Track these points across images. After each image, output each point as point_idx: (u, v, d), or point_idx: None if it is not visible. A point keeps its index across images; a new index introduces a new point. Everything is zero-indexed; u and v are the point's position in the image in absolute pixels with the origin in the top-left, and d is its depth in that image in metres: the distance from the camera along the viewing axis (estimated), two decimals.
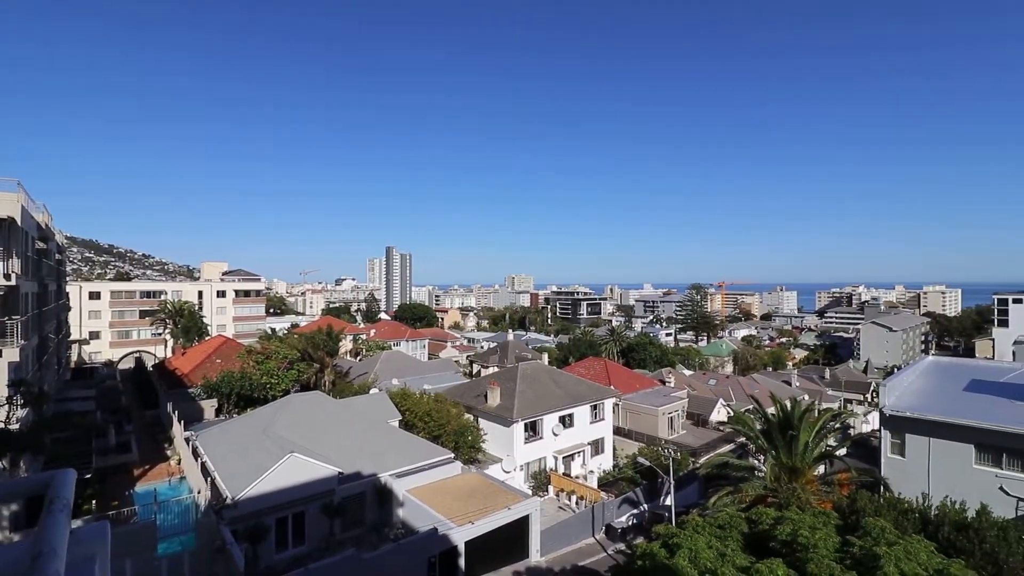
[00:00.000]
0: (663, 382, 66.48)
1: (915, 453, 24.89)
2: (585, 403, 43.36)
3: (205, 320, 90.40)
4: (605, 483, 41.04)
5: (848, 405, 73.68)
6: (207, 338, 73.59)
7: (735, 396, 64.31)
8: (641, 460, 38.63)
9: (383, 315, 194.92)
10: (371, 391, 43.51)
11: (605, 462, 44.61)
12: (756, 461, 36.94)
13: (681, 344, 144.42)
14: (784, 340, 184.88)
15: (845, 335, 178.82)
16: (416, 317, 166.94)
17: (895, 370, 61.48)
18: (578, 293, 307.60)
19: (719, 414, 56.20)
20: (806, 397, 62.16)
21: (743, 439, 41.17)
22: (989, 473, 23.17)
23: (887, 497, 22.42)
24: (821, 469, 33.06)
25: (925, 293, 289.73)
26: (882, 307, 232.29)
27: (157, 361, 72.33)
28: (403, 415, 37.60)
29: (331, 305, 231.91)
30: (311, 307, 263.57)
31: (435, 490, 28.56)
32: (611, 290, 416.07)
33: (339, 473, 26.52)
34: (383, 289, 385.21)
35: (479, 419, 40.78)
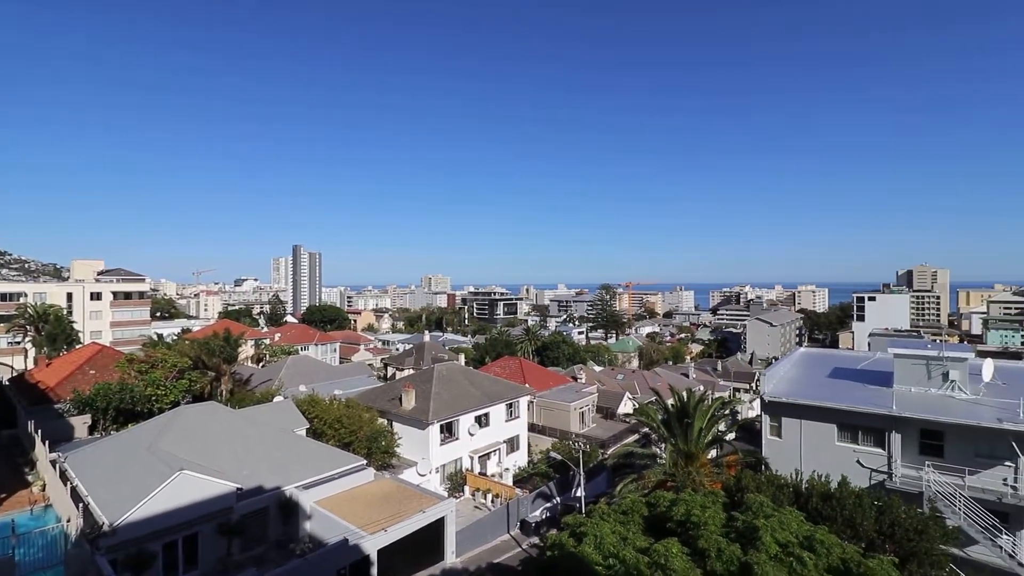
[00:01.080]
0: (575, 379, 69.00)
1: (790, 434, 28.05)
2: (501, 402, 43.92)
3: (76, 326, 79.89)
4: (520, 479, 41.87)
5: (736, 393, 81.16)
6: (78, 347, 65.06)
7: (640, 389, 68.34)
8: (554, 455, 39.88)
9: (289, 318, 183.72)
10: (275, 399, 40.93)
11: (520, 459, 45.50)
12: (658, 449, 39.59)
13: (592, 342, 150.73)
14: (683, 336, 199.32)
15: (734, 330, 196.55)
16: (326, 319, 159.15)
17: (774, 360, 68.72)
18: (495, 293, 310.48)
19: (626, 407, 59.42)
20: (701, 388, 67.50)
21: (647, 429, 43.92)
22: (848, 449, 26.65)
23: (767, 475, 25.07)
24: (713, 453, 36.14)
25: (799, 292, 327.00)
26: (764, 305, 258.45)
27: (15, 374, 62.76)
28: (311, 423, 35.80)
29: (230, 308, 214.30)
30: (206, 310, 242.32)
31: (346, 499, 27.53)
32: (527, 290, 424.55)
33: (237, 489, 24.71)
34: (290, 290, 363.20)
35: (394, 423, 39.87)
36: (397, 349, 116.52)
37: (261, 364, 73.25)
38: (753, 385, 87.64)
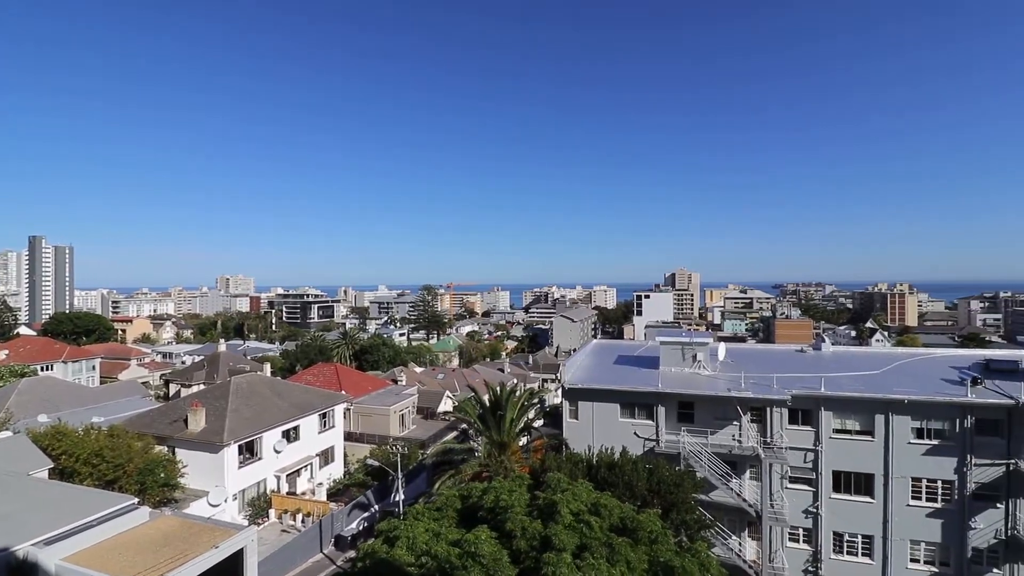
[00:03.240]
0: (395, 381, 67.92)
1: (584, 416, 31.91)
2: (313, 412, 40.94)
3: None
4: (335, 492, 39.61)
5: (545, 384, 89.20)
6: None
7: (460, 387, 70.38)
8: (372, 462, 38.69)
9: (24, 329, 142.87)
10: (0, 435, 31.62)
11: (336, 471, 43.03)
12: (475, 443, 41.35)
13: (414, 343, 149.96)
14: (500, 334, 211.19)
15: (543, 327, 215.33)
16: (80, 330, 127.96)
17: (573, 352, 77.35)
18: (308, 295, 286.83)
19: (446, 405, 60.62)
20: (515, 381, 72.32)
21: (465, 425, 45.51)
22: (628, 424, 31.40)
23: (567, 454, 28.15)
24: (524, 440, 39.21)
25: (594, 291, 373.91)
26: (567, 303, 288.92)
27: None
28: (57, 461, 28.59)
29: None
30: None
31: (111, 549, 22.59)
32: (345, 292, 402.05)
33: None
34: (24, 294, 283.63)
35: (177, 450, 34.17)
36: (183, 362, 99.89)
37: None
38: (558, 375, 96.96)
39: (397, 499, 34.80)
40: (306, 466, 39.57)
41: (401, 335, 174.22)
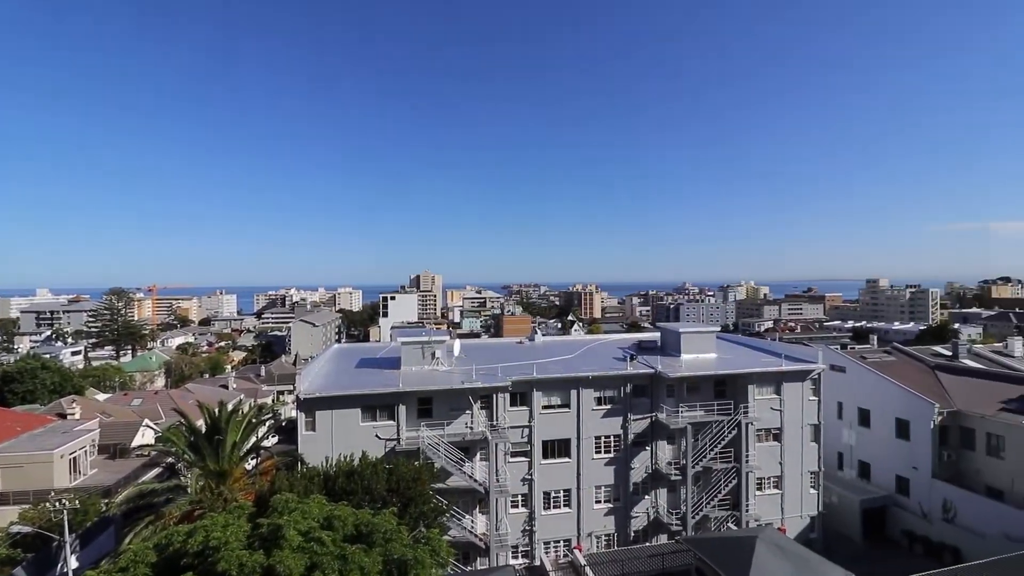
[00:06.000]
0: (63, 416, 51.96)
1: (323, 426, 30.27)
2: None
3: None
4: None
5: (280, 396, 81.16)
6: None
7: (165, 413, 58.30)
8: (20, 528, 28.65)
9: None
10: None
11: None
12: (186, 478, 34.80)
13: (95, 363, 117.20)
14: (223, 344, 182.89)
15: (280, 333, 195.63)
16: None
17: (312, 359, 72.66)
18: None
19: (144, 437, 49.37)
20: (242, 397, 63.83)
21: (172, 458, 37.82)
22: (370, 427, 31.10)
23: (302, 470, 26.22)
24: (254, 463, 34.87)
25: (339, 293, 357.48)
26: (308, 307, 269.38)
27: None
28: None
29: None
30: None
31: None
32: None
33: None
34: None
35: None
36: None
37: None
38: (296, 385, 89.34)
39: (65, 571, 26.66)
40: None
41: (75, 353, 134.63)
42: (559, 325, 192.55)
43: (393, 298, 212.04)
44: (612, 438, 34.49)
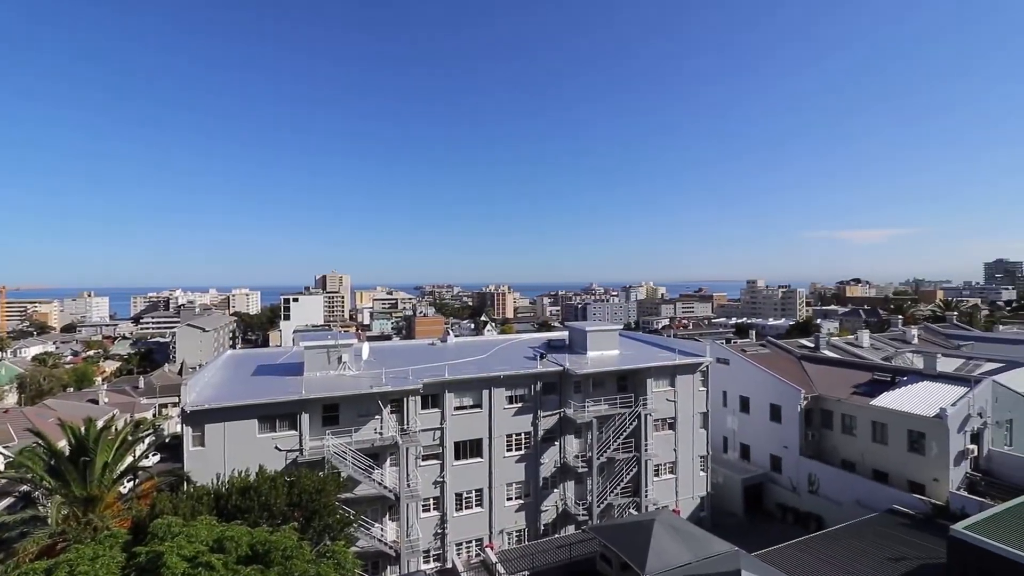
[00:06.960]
0: None
1: (213, 440, 27.79)
2: None
3: None
4: None
5: (164, 410, 73.31)
6: None
7: (17, 434, 50.38)
8: None
9: None
10: None
11: None
12: (46, 507, 30.29)
13: None
14: (92, 353, 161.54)
15: (163, 339, 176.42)
16: None
17: (200, 367, 66.46)
18: None
19: None
20: (116, 412, 56.96)
21: (28, 486, 32.73)
22: (268, 438, 29.05)
23: (189, 490, 23.90)
24: (131, 486, 31.18)
25: (233, 295, 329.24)
26: (198, 310, 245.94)
27: None
28: None
29: None
30: None
31: None
32: None
33: None
34: None
35: None
36: None
37: None
38: (181, 397, 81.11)
39: None
40: None
41: None
42: (472, 326, 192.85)
43: (296, 300, 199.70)
44: (523, 435, 35.24)
